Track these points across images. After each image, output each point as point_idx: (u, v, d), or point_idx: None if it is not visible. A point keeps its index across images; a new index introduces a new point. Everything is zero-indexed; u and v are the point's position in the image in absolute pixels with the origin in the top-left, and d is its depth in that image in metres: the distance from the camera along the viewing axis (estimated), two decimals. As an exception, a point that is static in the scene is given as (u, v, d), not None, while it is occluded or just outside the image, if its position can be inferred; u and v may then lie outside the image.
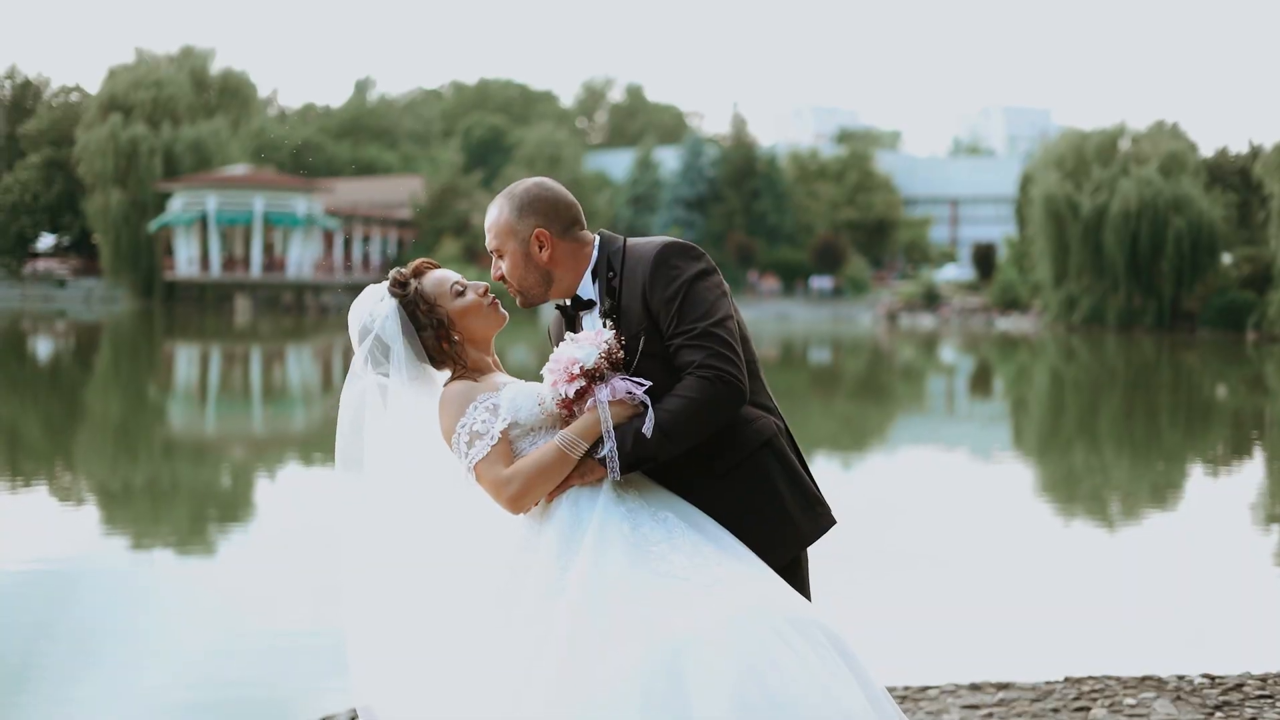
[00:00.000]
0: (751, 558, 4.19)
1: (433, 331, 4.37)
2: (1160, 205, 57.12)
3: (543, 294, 4.44)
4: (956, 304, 69.97)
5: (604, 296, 4.36)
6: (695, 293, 4.24)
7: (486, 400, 4.26)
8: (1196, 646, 9.39)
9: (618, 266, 4.36)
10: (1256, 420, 27.38)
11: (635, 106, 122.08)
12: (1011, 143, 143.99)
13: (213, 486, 16.94)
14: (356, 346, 4.44)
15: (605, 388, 4.19)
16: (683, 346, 4.21)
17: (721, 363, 4.18)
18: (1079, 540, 13.79)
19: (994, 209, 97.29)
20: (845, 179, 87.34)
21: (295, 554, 12.43)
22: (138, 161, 71.75)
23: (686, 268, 4.28)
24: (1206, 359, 44.94)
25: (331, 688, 8.20)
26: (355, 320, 4.47)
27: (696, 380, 4.17)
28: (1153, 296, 57.87)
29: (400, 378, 4.39)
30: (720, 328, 4.22)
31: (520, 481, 4.18)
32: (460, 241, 77.75)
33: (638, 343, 4.26)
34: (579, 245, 4.42)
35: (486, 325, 4.44)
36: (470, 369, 4.42)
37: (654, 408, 4.16)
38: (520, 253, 4.37)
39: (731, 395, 4.19)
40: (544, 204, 4.39)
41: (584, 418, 4.20)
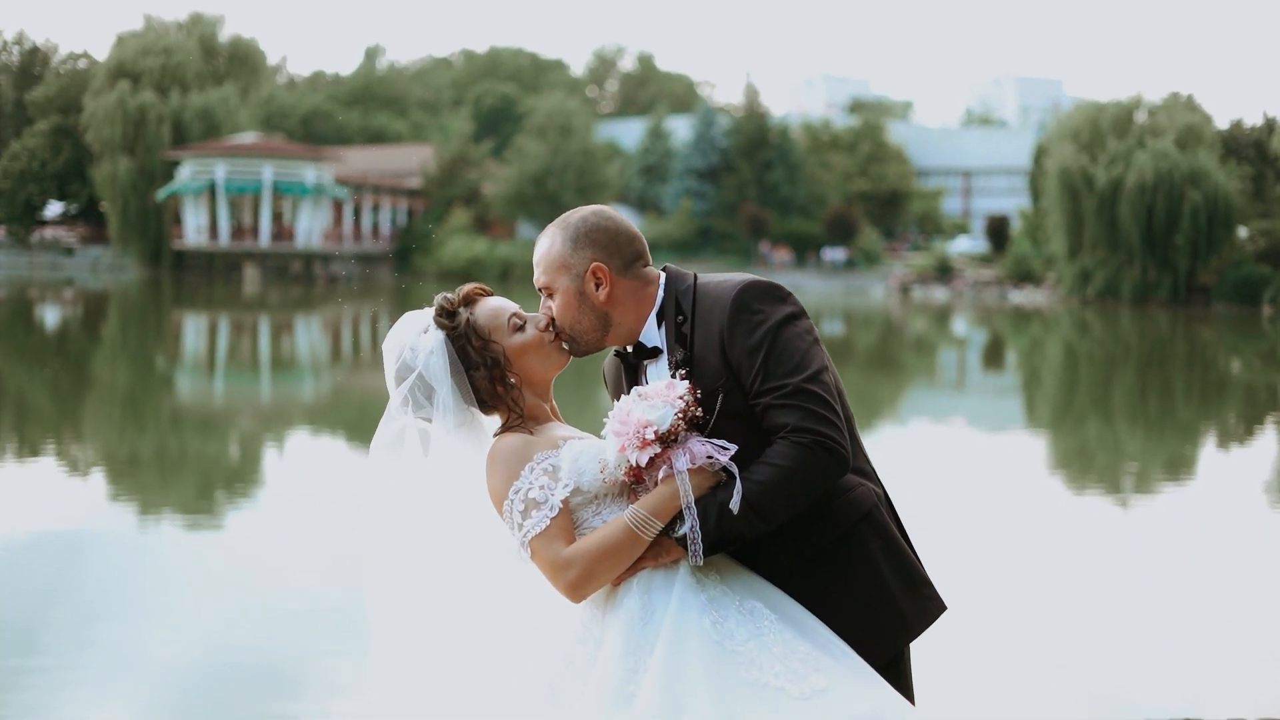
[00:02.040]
0: (853, 658, 3.58)
1: (485, 371, 3.74)
2: (1176, 178, 56.80)
3: (599, 340, 3.82)
4: (969, 276, 69.70)
5: (673, 344, 3.76)
6: (784, 342, 3.63)
7: (545, 460, 3.63)
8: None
9: (688, 309, 3.76)
10: (1269, 395, 27.22)
11: (646, 75, 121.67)
12: (1024, 113, 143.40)
13: (220, 456, 16.86)
14: (393, 386, 3.81)
15: (683, 453, 3.57)
16: (772, 406, 3.59)
17: (820, 425, 3.56)
18: (1091, 514, 13.67)
19: (1007, 180, 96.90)
20: (858, 150, 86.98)
21: (302, 524, 12.45)
22: (146, 129, 71.56)
23: (771, 312, 3.66)
24: (1221, 333, 44.75)
25: (337, 654, 8.24)
26: (392, 354, 3.82)
27: (791, 446, 3.54)
28: (1168, 270, 57.59)
29: (445, 423, 3.77)
30: (816, 383, 3.60)
31: (582, 566, 3.55)
32: (470, 211, 77.56)
33: (715, 400, 3.65)
34: (642, 284, 3.81)
35: (547, 366, 3.82)
36: (526, 418, 3.78)
37: (740, 477, 3.54)
38: (574, 290, 3.76)
39: (832, 463, 3.58)
40: (603, 235, 3.79)
41: (658, 491, 3.57)
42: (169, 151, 71.29)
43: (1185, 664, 8.34)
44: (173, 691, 7.60)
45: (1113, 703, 7.58)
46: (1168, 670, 8.23)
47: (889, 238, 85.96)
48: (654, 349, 3.82)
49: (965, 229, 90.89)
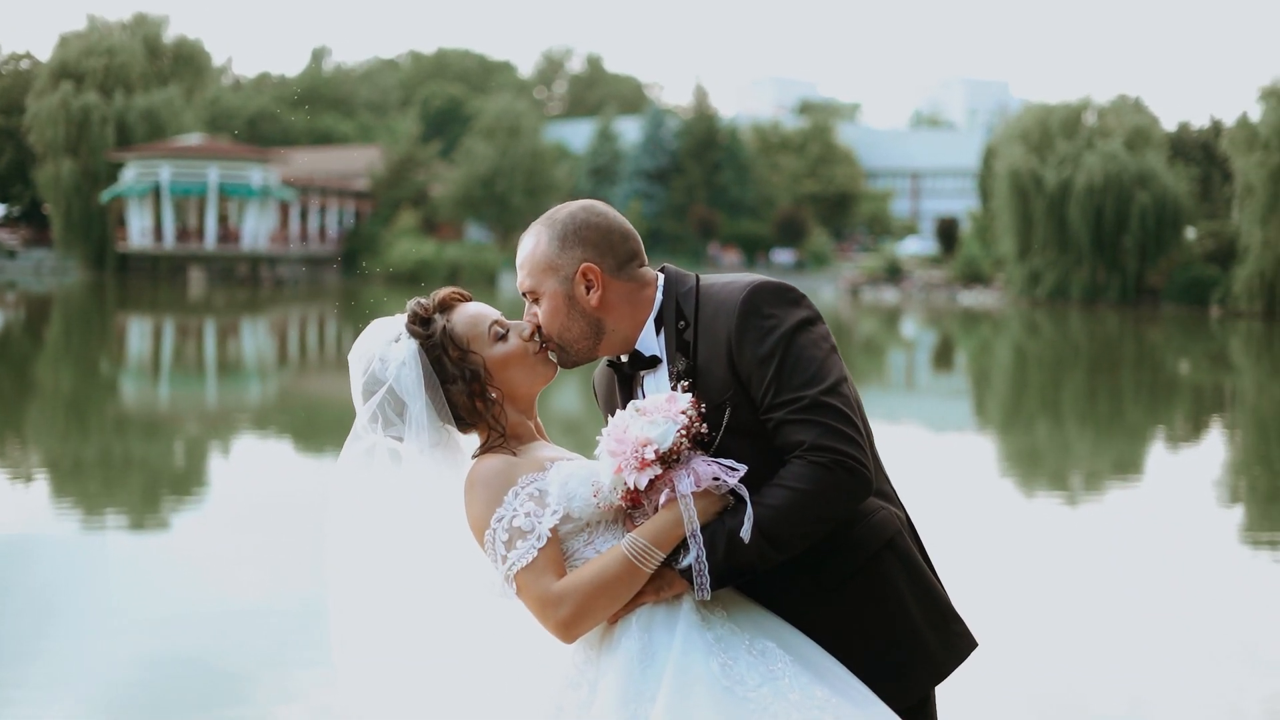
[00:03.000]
0: (875, 704, 3.26)
1: (464, 385, 3.40)
2: (1125, 180, 57.16)
3: (590, 349, 3.46)
4: (919, 278, 69.99)
5: (674, 353, 3.41)
6: (798, 349, 3.27)
7: (531, 484, 3.29)
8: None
9: (690, 314, 3.41)
10: (1217, 396, 27.39)
11: (594, 77, 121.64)
12: (971, 115, 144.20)
13: (165, 461, 16.66)
14: (360, 400, 3.45)
15: (686, 474, 3.23)
16: (786, 422, 3.24)
17: (839, 443, 3.21)
18: (1040, 515, 13.68)
19: (955, 182, 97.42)
20: (807, 151, 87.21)
21: (249, 528, 12.28)
22: (89, 130, 70.90)
23: (784, 316, 3.30)
24: (1170, 334, 45.07)
25: (286, 659, 8.16)
26: (360, 365, 3.46)
27: (808, 466, 3.19)
28: (1117, 271, 57.94)
29: (418, 443, 3.42)
30: (835, 396, 3.25)
31: (575, 602, 3.20)
32: (418, 213, 77.25)
33: (722, 415, 3.30)
34: (637, 286, 3.46)
35: (532, 379, 3.47)
36: (508, 436, 3.44)
37: (751, 502, 3.21)
38: (562, 294, 3.40)
39: (853, 485, 3.23)
40: (593, 233, 3.44)
41: (659, 517, 3.23)
42: (113, 153, 70.66)
43: (1132, 666, 8.32)
44: (118, 697, 7.47)
45: (1058, 703, 7.55)
46: (1114, 672, 8.20)
47: (838, 239, 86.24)
48: (652, 358, 3.47)
49: (914, 230, 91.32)
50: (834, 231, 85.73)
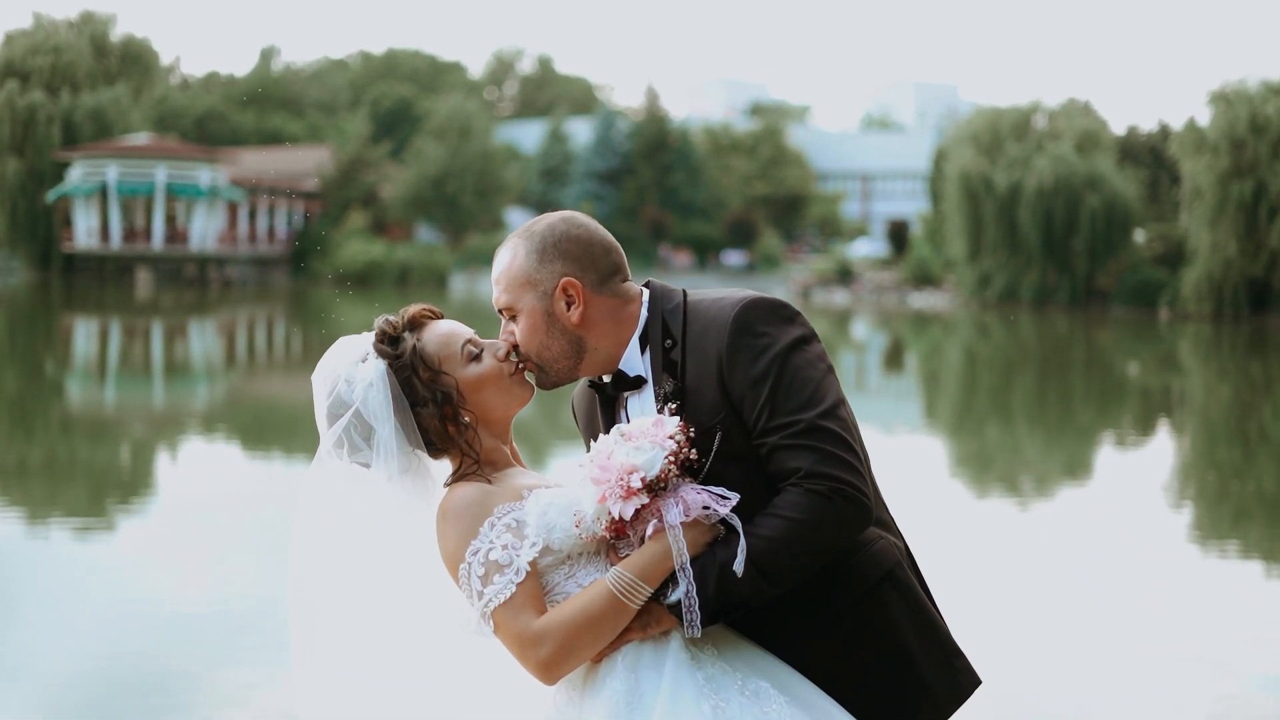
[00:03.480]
0: None
1: (435, 408, 3.20)
2: (1074, 183, 57.46)
3: (571, 369, 3.28)
4: (870, 280, 70.20)
5: (660, 373, 3.23)
6: (793, 370, 3.10)
7: (507, 514, 3.11)
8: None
9: (677, 331, 3.23)
10: (1166, 398, 27.58)
11: (545, 78, 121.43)
12: (921, 118, 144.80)
13: (111, 463, 16.49)
14: (324, 425, 3.28)
15: (675, 504, 3.05)
16: (781, 447, 3.07)
17: (838, 470, 3.05)
18: (990, 516, 13.72)
19: (905, 184, 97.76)
20: (758, 153, 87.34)
21: (195, 531, 12.19)
22: (35, 129, 70.12)
23: (778, 335, 3.13)
24: (1119, 336, 45.36)
25: (233, 661, 8.13)
26: (324, 387, 3.27)
27: (805, 494, 3.03)
28: (1067, 274, 58.24)
29: (386, 469, 3.23)
30: (832, 419, 3.09)
31: (557, 641, 3.01)
32: (368, 214, 76.91)
33: (712, 440, 3.12)
34: (621, 302, 3.28)
35: (507, 402, 3.28)
36: (482, 463, 3.24)
37: (744, 533, 3.04)
38: (541, 311, 3.23)
39: (854, 515, 3.07)
40: (574, 245, 3.25)
41: (646, 549, 3.06)
42: (59, 152, 69.96)
43: (1081, 667, 8.33)
44: (62, 702, 7.41)
45: (1008, 704, 7.55)
46: (1063, 673, 8.22)
47: (789, 241, 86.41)
48: (636, 379, 3.27)
49: (865, 232, 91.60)
50: (785, 233, 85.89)
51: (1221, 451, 19.56)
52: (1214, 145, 48.76)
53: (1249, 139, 47.73)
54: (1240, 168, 47.99)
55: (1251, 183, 47.74)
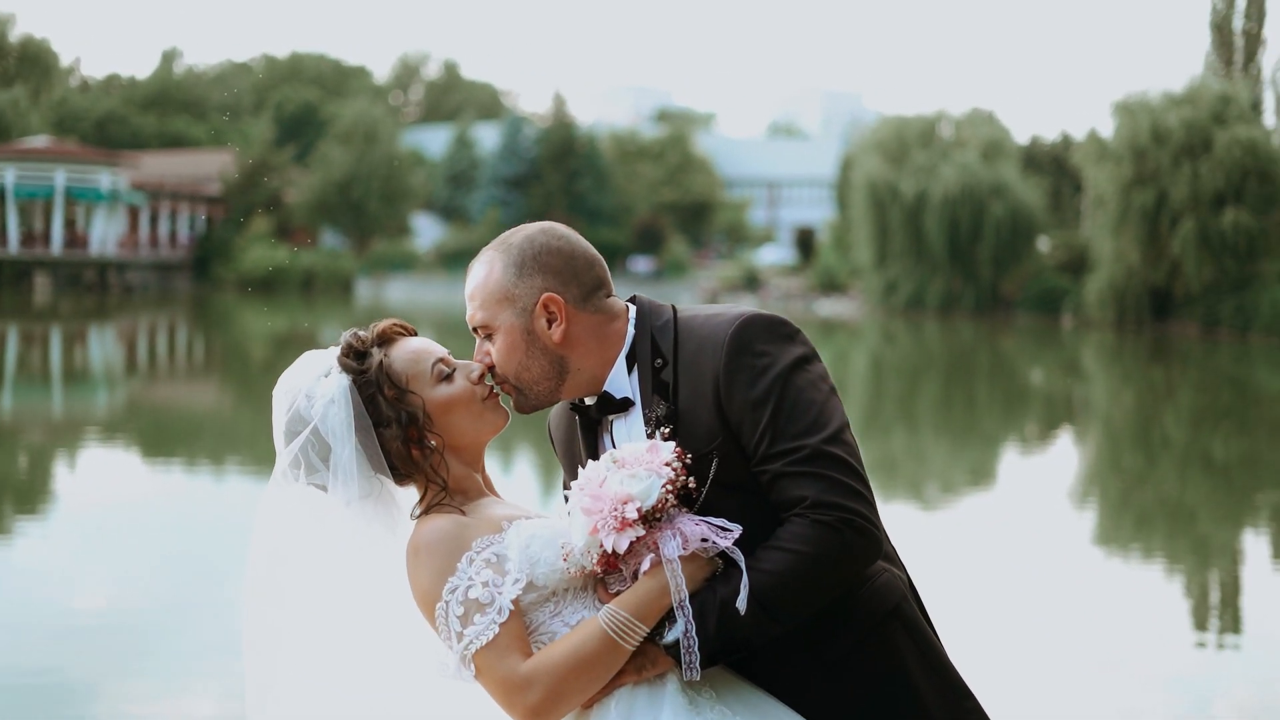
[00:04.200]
0: None
1: (399, 429, 2.98)
2: (980, 191, 57.95)
3: (551, 391, 3.07)
4: (777, 287, 70.50)
5: (649, 395, 3.02)
6: (796, 391, 2.91)
7: (487, 549, 2.89)
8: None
9: (668, 350, 3.03)
10: (1069, 404, 27.88)
11: (451, 83, 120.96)
12: (826, 126, 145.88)
13: (9, 471, 16.15)
14: (281, 443, 3.05)
15: (672, 536, 2.85)
16: (784, 475, 2.88)
17: (846, 498, 2.87)
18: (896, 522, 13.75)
19: (812, 191, 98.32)
20: (665, 159, 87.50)
21: (94, 538, 12.03)
22: (-69, 131, 68.86)
23: (778, 354, 2.94)
24: (1023, 343, 45.83)
25: (129, 671, 8.02)
26: (283, 403, 3.05)
27: (811, 525, 2.84)
28: (972, 281, 58.75)
29: (345, 493, 3.00)
30: (838, 445, 2.90)
31: (546, 685, 2.80)
32: (272, 219, 76.17)
33: (708, 467, 2.91)
34: (606, 318, 3.08)
35: (479, 427, 3.07)
36: (453, 490, 3.03)
37: (746, 567, 2.85)
38: (520, 329, 3.02)
39: (863, 547, 2.90)
40: (555, 258, 3.05)
41: (642, 585, 2.86)
42: (-45, 154, 68.66)
43: (985, 673, 8.34)
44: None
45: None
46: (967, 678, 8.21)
47: (697, 247, 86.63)
48: (623, 401, 3.06)
49: (771, 239, 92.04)
50: (692, 240, 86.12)
51: (1124, 456, 19.79)
52: (1117, 155, 49.42)
53: (1151, 148, 48.43)
54: (1142, 177, 48.68)
55: (1153, 192, 48.44)
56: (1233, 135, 47.72)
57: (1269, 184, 47.87)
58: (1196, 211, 47.72)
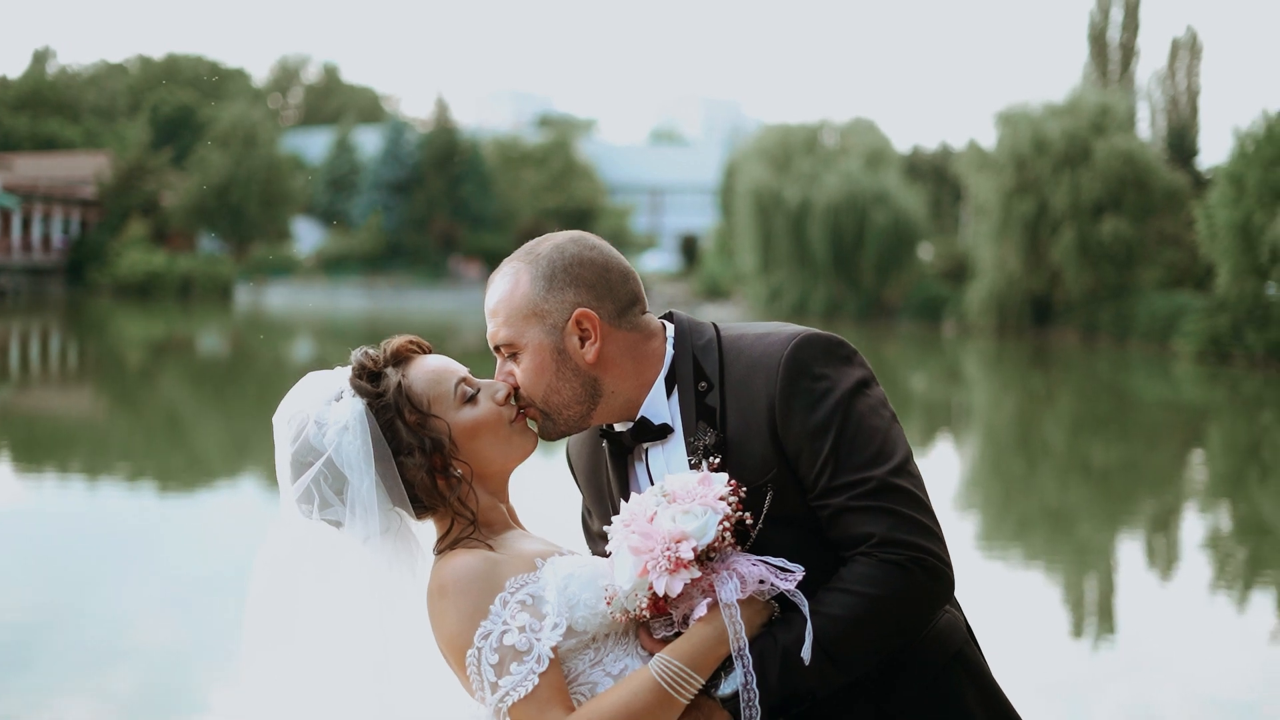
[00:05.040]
0: None
1: (422, 457, 2.71)
2: (862, 199, 58.40)
3: (582, 415, 2.81)
4: (661, 293, 70.59)
5: (693, 422, 2.76)
6: (858, 418, 2.68)
7: (520, 589, 2.63)
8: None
9: (713, 372, 2.78)
10: (950, 410, 28.16)
11: (331, 86, 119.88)
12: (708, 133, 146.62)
13: None
14: (288, 477, 2.76)
15: (729, 577, 2.61)
16: (847, 510, 2.65)
17: (917, 536, 2.66)
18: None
19: (694, 198, 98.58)
20: (548, 165, 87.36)
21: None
22: None
23: (838, 377, 2.72)
24: (906, 350, 46.24)
25: (8, 688, 7.82)
26: (288, 431, 2.76)
27: (879, 566, 2.62)
28: (855, 288, 59.22)
29: (363, 529, 2.72)
30: (904, 476, 2.68)
31: None
32: (149, 223, 74.89)
33: (762, 501, 2.68)
34: (642, 337, 2.82)
35: (507, 453, 2.80)
36: (480, 524, 2.76)
37: (810, 611, 2.61)
38: (549, 348, 2.76)
39: (936, 589, 2.68)
40: (589, 270, 2.79)
41: (696, 632, 2.61)
42: None
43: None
44: None
45: None
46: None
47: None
48: (662, 427, 2.80)
49: (654, 245, 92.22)
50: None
51: (1005, 461, 20.00)
52: (998, 164, 50.06)
53: (1032, 158, 49.11)
54: (1023, 186, 49.35)
55: (1034, 200, 49.12)
56: (1111, 145, 48.54)
57: (1146, 193, 48.77)
58: (1076, 220, 48.45)
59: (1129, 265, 48.22)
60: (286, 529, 2.77)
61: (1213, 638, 10.07)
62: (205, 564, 11.53)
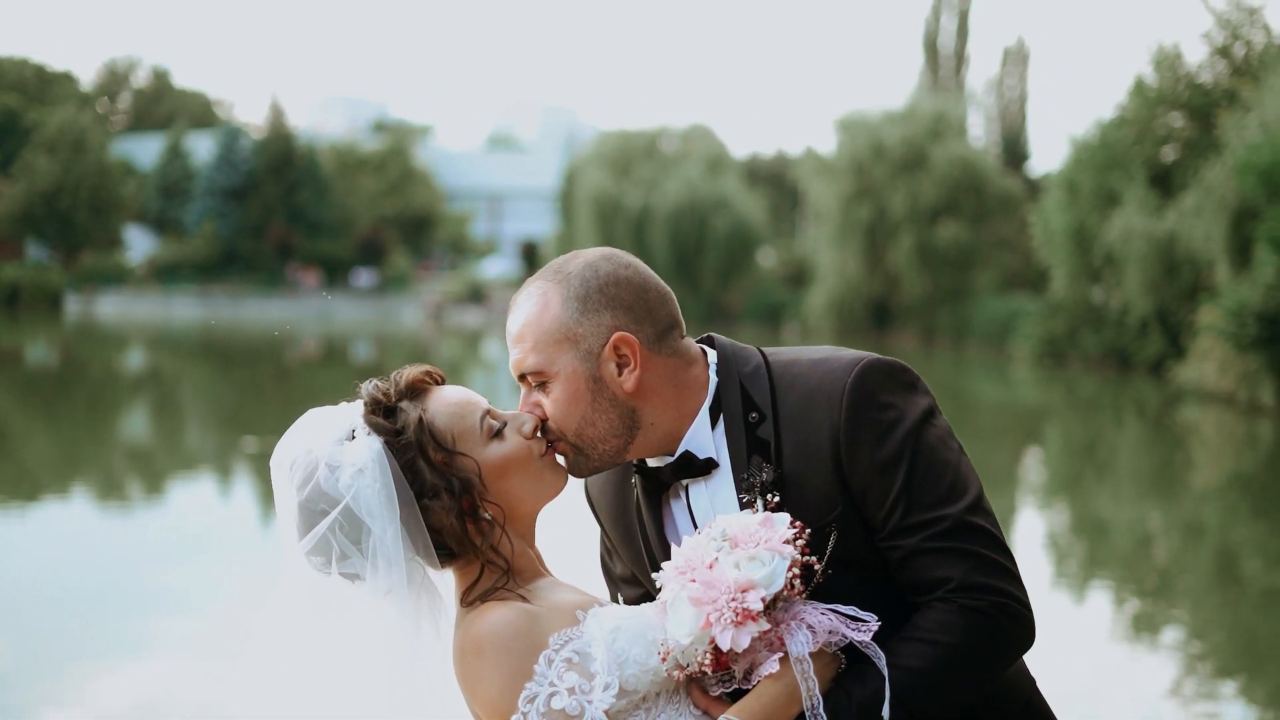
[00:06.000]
0: None
1: (451, 500, 2.44)
2: (703, 204, 58.73)
3: (619, 449, 2.56)
4: (502, 300, 70.28)
5: (743, 456, 2.52)
6: (928, 451, 2.47)
7: (565, 645, 2.37)
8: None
9: (765, 402, 2.54)
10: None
11: (162, 90, 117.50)
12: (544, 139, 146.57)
13: None
14: (298, 529, 2.47)
15: (800, 629, 2.38)
16: (922, 551, 2.44)
17: (999, 579, 2.44)
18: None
19: (534, 204, 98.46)
20: (386, 171, 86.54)
21: None
22: None
23: (906, 406, 2.50)
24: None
25: None
26: (294, 476, 2.47)
27: (959, 613, 2.40)
28: (697, 293, 59.50)
29: (386, 581, 2.43)
30: (980, 514, 2.48)
31: None
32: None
33: (825, 543, 2.45)
34: (683, 363, 2.60)
35: (538, 492, 2.56)
36: (514, 572, 2.49)
37: (887, 664, 2.39)
38: (584, 376, 2.52)
39: (1020, 637, 2.47)
40: (626, 290, 2.57)
41: (765, 690, 2.37)
42: None
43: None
44: None
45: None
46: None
47: (419, 260, 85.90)
48: (707, 462, 2.55)
49: (494, 251, 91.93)
50: (415, 252, 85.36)
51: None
52: (837, 170, 50.63)
53: (870, 164, 49.75)
54: (862, 191, 49.98)
55: (873, 206, 49.75)
56: (947, 151, 49.34)
57: (982, 198, 49.67)
58: (914, 225, 49.17)
59: (966, 269, 49.09)
60: (293, 585, 2.48)
61: (1050, 634, 10.15)
62: (34, 579, 11.16)
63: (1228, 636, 10.90)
